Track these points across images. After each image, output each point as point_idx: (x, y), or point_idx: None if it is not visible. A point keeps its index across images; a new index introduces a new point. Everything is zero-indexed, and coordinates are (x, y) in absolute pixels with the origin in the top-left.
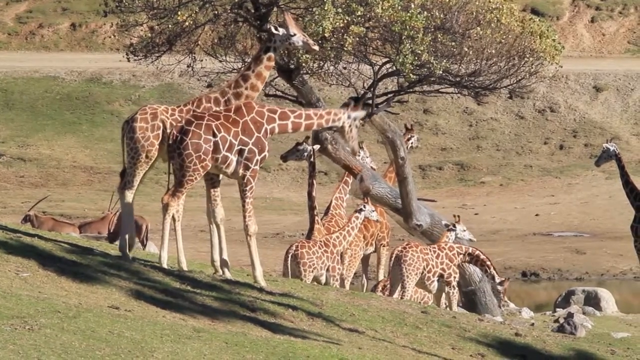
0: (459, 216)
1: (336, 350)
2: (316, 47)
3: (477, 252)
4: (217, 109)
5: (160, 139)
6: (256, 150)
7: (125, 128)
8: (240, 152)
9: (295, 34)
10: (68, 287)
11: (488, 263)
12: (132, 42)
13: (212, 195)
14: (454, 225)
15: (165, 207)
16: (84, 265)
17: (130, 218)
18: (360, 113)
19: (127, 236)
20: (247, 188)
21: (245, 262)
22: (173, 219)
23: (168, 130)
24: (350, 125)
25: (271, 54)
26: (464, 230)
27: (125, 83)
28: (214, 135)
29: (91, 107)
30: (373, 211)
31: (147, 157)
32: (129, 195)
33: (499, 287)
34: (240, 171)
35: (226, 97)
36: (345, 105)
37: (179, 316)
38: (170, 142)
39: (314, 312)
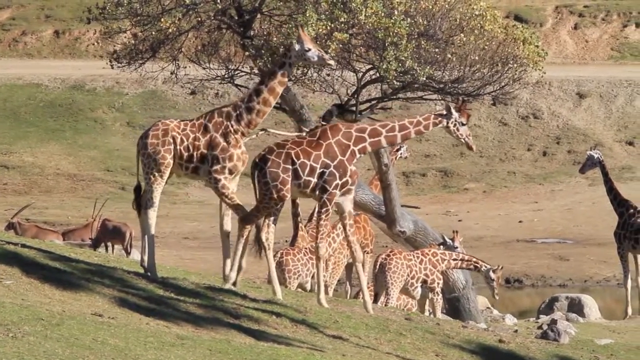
0: (456, 231)
1: (320, 357)
2: (332, 62)
3: (462, 255)
4: (302, 134)
5: (172, 153)
6: (337, 174)
7: (139, 144)
8: (321, 175)
9: (310, 49)
10: (51, 294)
11: (474, 260)
12: (115, 49)
13: (223, 207)
14: (452, 240)
15: (240, 228)
16: (68, 272)
17: (151, 237)
18: (463, 119)
19: (153, 255)
20: (323, 210)
21: None
22: (264, 247)
23: (178, 146)
24: (455, 126)
25: (285, 70)
26: (456, 248)
27: (108, 90)
28: (293, 163)
29: (74, 114)
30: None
31: (160, 172)
32: (152, 214)
33: (492, 275)
34: (317, 193)
35: (238, 112)
36: (448, 108)
37: (163, 323)
38: (252, 169)
39: (298, 319)
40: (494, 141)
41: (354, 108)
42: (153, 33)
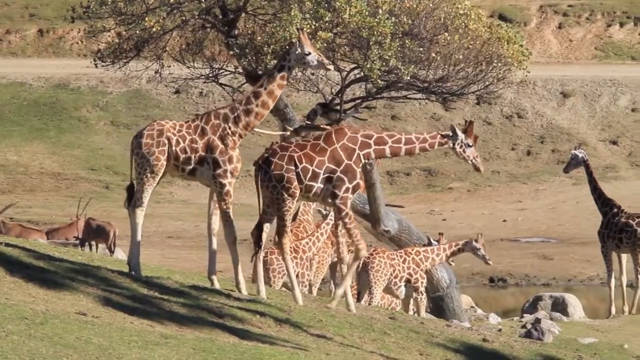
0: (442, 233)
1: (304, 356)
2: (330, 67)
3: (442, 247)
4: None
5: (166, 154)
6: (346, 179)
7: (133, 143)
8: (328, 180)
9: (310, 53)
10: (35, 293)
11: (454, 245)
12: (99, 48)
13: (212, 207)
14: (438, 242)
15: (280, 247)
16: (52, 271)
17: (137, 235)
18: (469, 140)
19: (138, 254)
20: (343, 215)
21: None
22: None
23: (173, 147)
24: (461, 148)
25: (285, 72)
26: (478, 249)
27: (92, 89)
28: (296, 166)
29: (58, 113)
30: None
31: (152, 172)
32: (140, 213)
33: (476, 244)
34: (329, 199)
35: (236, 114)
36: (452, 128)
37: (147, 322)
38: (255, 172)
39: (282, 318)
40: (478, 140)
41: (338, 107)
42: (137, 32)
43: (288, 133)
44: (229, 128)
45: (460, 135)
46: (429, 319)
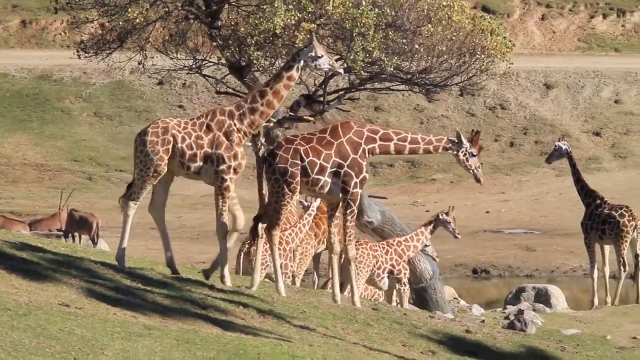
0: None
1: (287, 348)
2: (341, 71)
3: (418, 231)
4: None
5: (170, 154)
6: (353, 173)
7: (137, 141)
8: (335, 175)
9: (322, 56)
10: (18, 285)
11: (428, 224)
12: (83, 39)
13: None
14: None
15: (270, 238)
16: (35, 263)
17: (127, 229)
18: (474, 150)
19: (124, 247)
20: (348, 212)
21: (197, 260)
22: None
23: (179, 144)
24: (465, 156)
25: (292, 73)
26: (449, 222)
27: (76, 80)
28: (302, 160)
29: (42, 104)
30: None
31: (156, 171)
32: (133, 207)
33: (446, 218)
34: (341, 195)
35: (241, 112)
36: (459, 136)
37: (130, 314)
38: (260, 165)
39: (266, 310)
40: (462, 132)
41: (321, 99)
42: (121, 23)
43: (272, 125)
44: (235, 125)
45: (466, 144)
46: (413, 311)
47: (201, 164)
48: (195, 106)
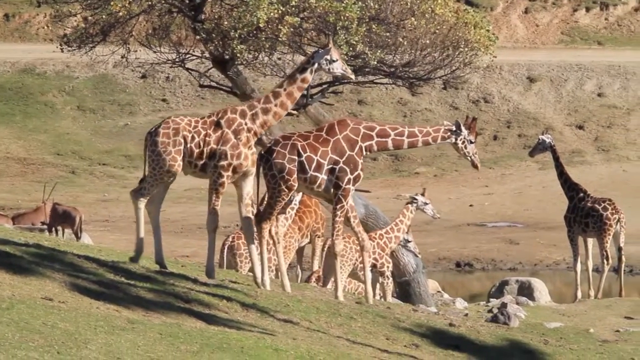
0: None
1: (270, 341)
2: (352, 76)
3: (397, 221)
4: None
5: (182, 154)
6: (348, 169)
7: (147, 139)
8: (331, 171)
9: (337, 60)
10: (1, 278)
11: (405, 211)
12: (65, 32)
13: (243, 211)
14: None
15: (259, 230)
16: (18, 256)
17: (141, 221)
18: (472, 136)
19: (142, 242)
20: (338, 207)
21: (180, 253)
22: (273, 240)
23: (189, 144)
24: (463, 144)
25: (306, 75)
26: (426, 203)
27: (59, 74)
28: (299, 155)
29: (24, 98)
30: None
31: (169, 171)
32: (142, 203)
33: (422, 199)
34: (332, 190)
35: (254, 111)
36: (458, 123)
37: (113, 307)
38: (257, 161)
39: (249, 303)
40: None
41: (305, 92)
42: (103, 16)
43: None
44: (246, 124)
45: (464, 132)
46: (396, 304)
47: (206, 160)
48: (178, 99)
